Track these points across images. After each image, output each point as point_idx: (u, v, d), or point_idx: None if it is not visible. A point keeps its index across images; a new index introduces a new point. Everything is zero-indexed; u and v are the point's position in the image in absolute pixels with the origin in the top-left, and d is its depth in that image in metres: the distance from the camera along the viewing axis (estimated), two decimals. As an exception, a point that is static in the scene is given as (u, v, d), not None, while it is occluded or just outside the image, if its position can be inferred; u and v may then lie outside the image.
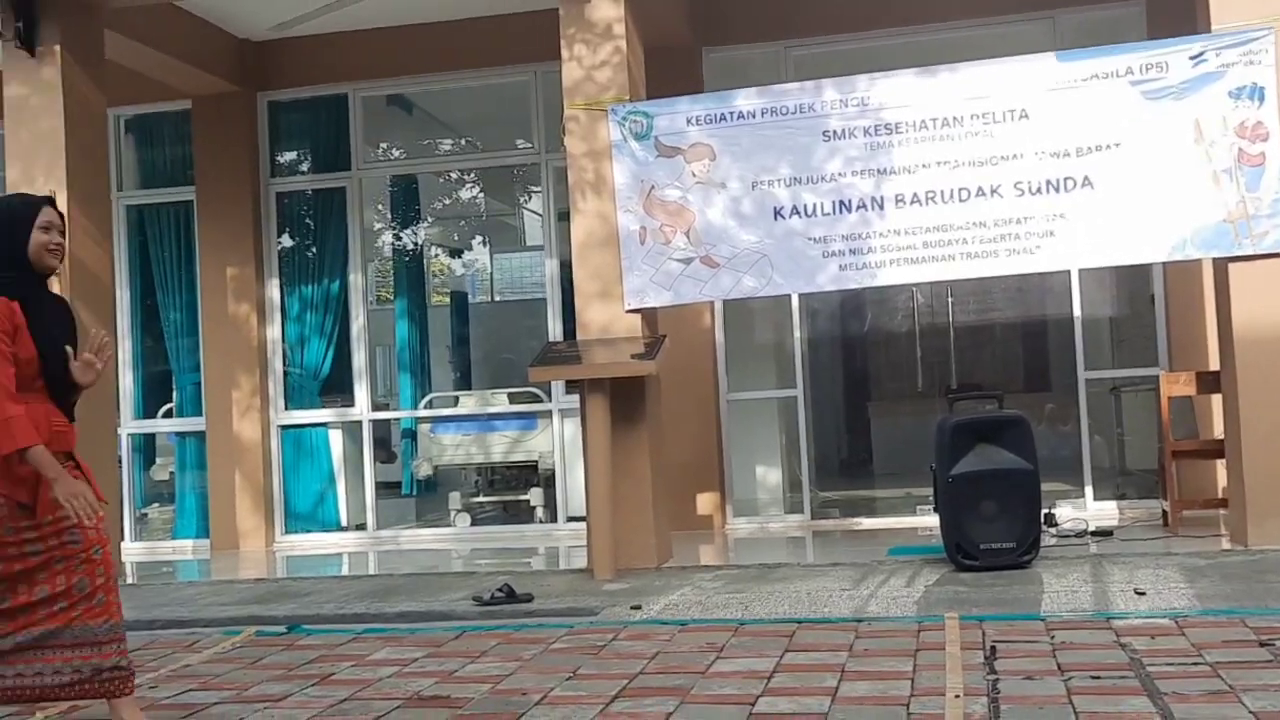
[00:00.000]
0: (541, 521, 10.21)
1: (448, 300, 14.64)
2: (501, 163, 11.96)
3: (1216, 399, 7.97)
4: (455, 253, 15.78)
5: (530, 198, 12.35)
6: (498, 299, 16.18)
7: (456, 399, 11.19)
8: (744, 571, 7.33)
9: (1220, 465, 8.01)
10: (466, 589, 7.10)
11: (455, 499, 10.53)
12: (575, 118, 8.01)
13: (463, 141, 12.18)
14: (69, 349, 4.12)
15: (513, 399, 10.59)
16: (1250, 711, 3.93)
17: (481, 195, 14.04)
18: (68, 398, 4.16)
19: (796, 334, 9.89)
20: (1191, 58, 7.21)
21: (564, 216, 9.13)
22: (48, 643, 3.99)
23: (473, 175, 13.18)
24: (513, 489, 10.66)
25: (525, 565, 8.61)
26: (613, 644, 5.56)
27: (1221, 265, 7.35)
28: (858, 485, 12.17)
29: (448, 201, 13.90)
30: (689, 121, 7.87)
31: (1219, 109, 7.16)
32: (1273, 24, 7.10)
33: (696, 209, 7.83)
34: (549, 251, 10.48)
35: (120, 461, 10.04)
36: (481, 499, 10.81)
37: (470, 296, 15.42)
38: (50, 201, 4.25)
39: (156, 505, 11.27)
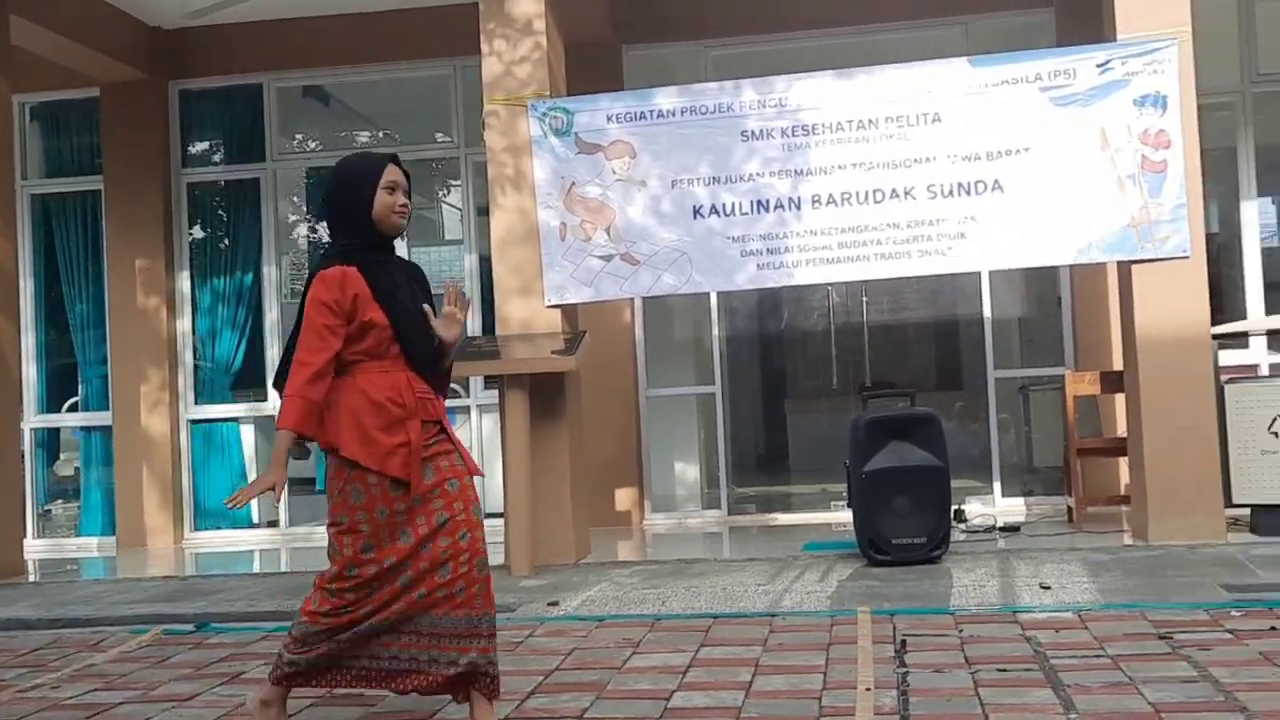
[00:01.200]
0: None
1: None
2: (420, 156, 11.80)
3: (1120, 398, 8.18)
4: (372, 247, 15.59)
5: (449, 192, 12.24)
6: (415, 293, 16.07)
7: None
8: (661, 567, 7.38)
9: (1123, 463, 8.23)
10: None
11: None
12: (495, 113, 7.99)
13: (380, 134, 12.05)
14: (428, 308, 3.91)
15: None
16: (1149, 702, 4.05)
17: (400, 189, 13.90)
18: (436, 362, 3.95)
19: (715, 331, 9.97)
20: (1098, 66, 7.39)
21: (483, 211, 9.10)
22: (406, 628, 3.82)
23: (390, 168, 13.05)
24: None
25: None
26: (529, 640, 5.57)
27: (1125, 268, 7.55)
28: (774, 481, 12.29)
29: (364, 194, 13.74)
30: (609, 119, 7.90)
31: (1124, 116, 7.34)
32: (1176, 35, 7.30)
33: (617, 206, 7.86)
34: (468, 246, 10.45)
35: (23, 456, 9.81)
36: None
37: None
38: (395, 159, 4.03)
39: (60, 501, 11.02)
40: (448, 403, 4.13)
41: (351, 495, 3.76)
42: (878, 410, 7.50)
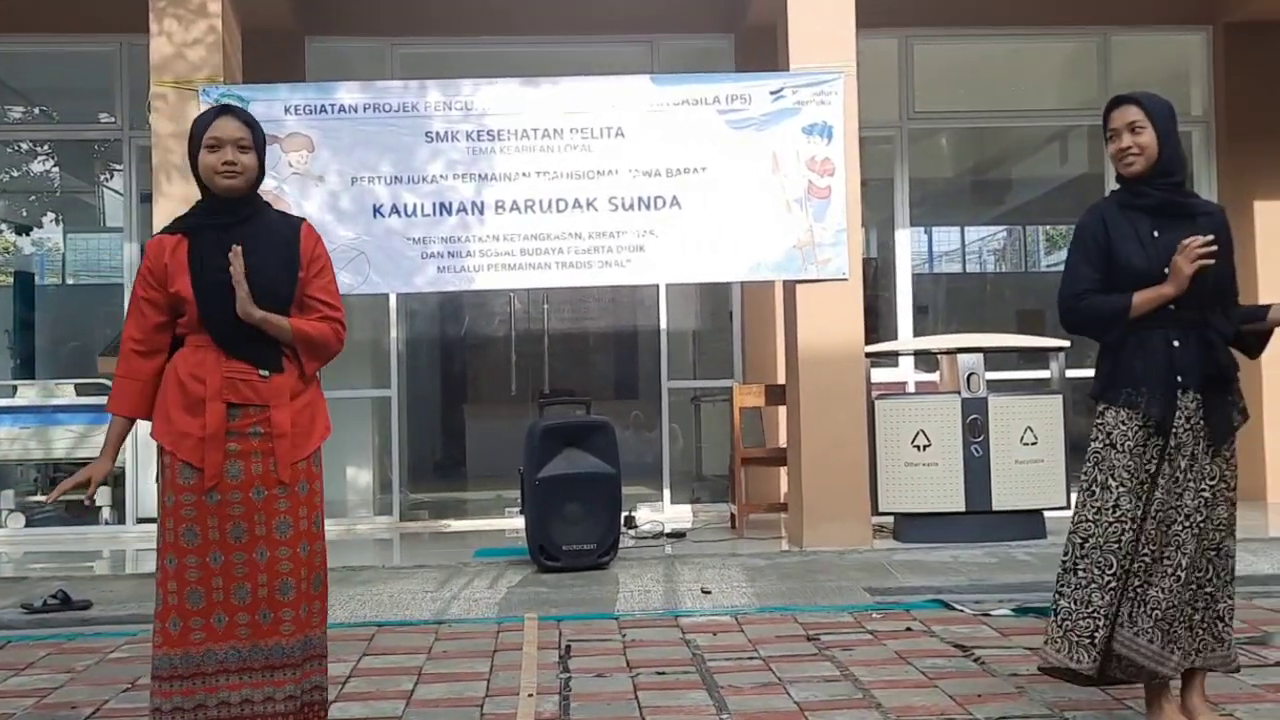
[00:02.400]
0: (108, 523, 9.52)
1: (10, 281, 13.42)
2: (80, 137, 11.14)
3: (782, 410, 8.58)
4: (23, 230, 14.49)
5: (111, 176, 11.52)
6: (70, 282, 15.01)
7: (14, 389, 10.25)
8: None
9: (782, 472, 8.62)
10: (16, 595, 6.52)
11: (8, 498, 9.63)
12: (163, 96, 7.56)
13: (36, 110, 11.21)
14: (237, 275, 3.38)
15: (81, 390, 9.82)
16: (795, 702, 4.26)
17: (56, 169, 12.99)
18: (249, 338, 3.42)
19: (393, 333, 9.80)
20: (772, 93, 7.73)
21: (147, 198, 8.58)
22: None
23: (47, 147, 12.16)
24: (77, 487, 9.87)
25: (87, 570, 8.01)
26: (180, 652, 5.27)
27: (791, 287, 7.93)
28: (450, 487, 12.19)
29: (16, 174, 12.77)
30: (287, 110, 7.62)
31: (794, 143, 7.71)
32: (844, 69, 7.74)
33: (293, 201, 7.58)
34: (129, 234, 9.83)
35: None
36: (40, 498, 9.96)
37: (39, 278, 14.21)
38: (228, 110, 3.55)
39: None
40: (101, 399, 3.80)
41: (165, 494, 3.41)
42: (553, 417, 7.57)
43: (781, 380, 8.60)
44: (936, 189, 12.41)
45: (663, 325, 9.93)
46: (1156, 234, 3.72)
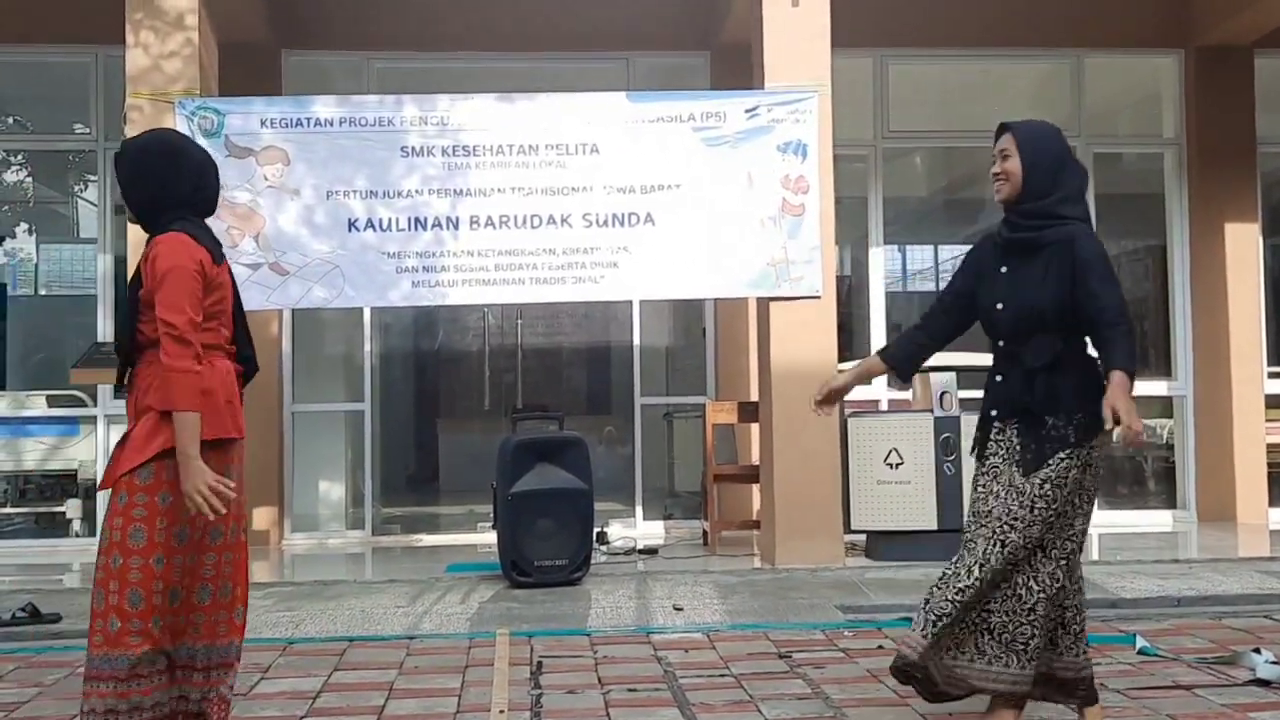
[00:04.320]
0: (79, 535, 9.46)
1: (-17, 291, 13.33)
2: (54, 147, 11.08)
3: (755, 427, 8.60)
4: (-5, 240, 14.40)
5: (86, 187, 11.47)
6: (43, 292, 14.92)
7: (-14, 400, 10.19)
8: (298, 589, 7.13)
9: (755, 489, 8.64)
10: (-16, 609, 6.46)
11: (-24, 511, 9.60)
12: (138, 107, 7.54)
13: (10, 120, 11.16)
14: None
15: (52, 402, 9.78)
16: (766, 719, 4.26)
17: (30, 180, 12.92)
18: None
19: (367, 347, 9.78)
20: (746, 110, 7.77)
21: (121, 210, 8.53)
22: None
23: (21, 157, 12.09)
24: (47, 500, 9.83)
25: (56, 582, 7.95)
26: (148, 667, 5.24)
27: (764, 305, 7.95)
28: (422, 501, 12.17)
29: (-11, 184, 12.69)
30: (263, 123, 7.61)
31: (768, 160, 7.75)
32: (818, 87, 7.79)
33: (267, 214, 7.57)
34: (103, 246, 9.78)
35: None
36: (9, 510, 9.90)
37: (10, 288, 14.12)
38: None
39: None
40: (73, 411, 3.82)
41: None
42: (526, 433, 7.57)
43: (754, 397, 8.62)
44: (910, 208, 12.49)
45: (636, 341, 9.95)
46: (1004, 269, 3.90)
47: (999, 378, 3.90)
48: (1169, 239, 10.25)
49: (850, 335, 10.35)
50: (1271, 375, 10.00)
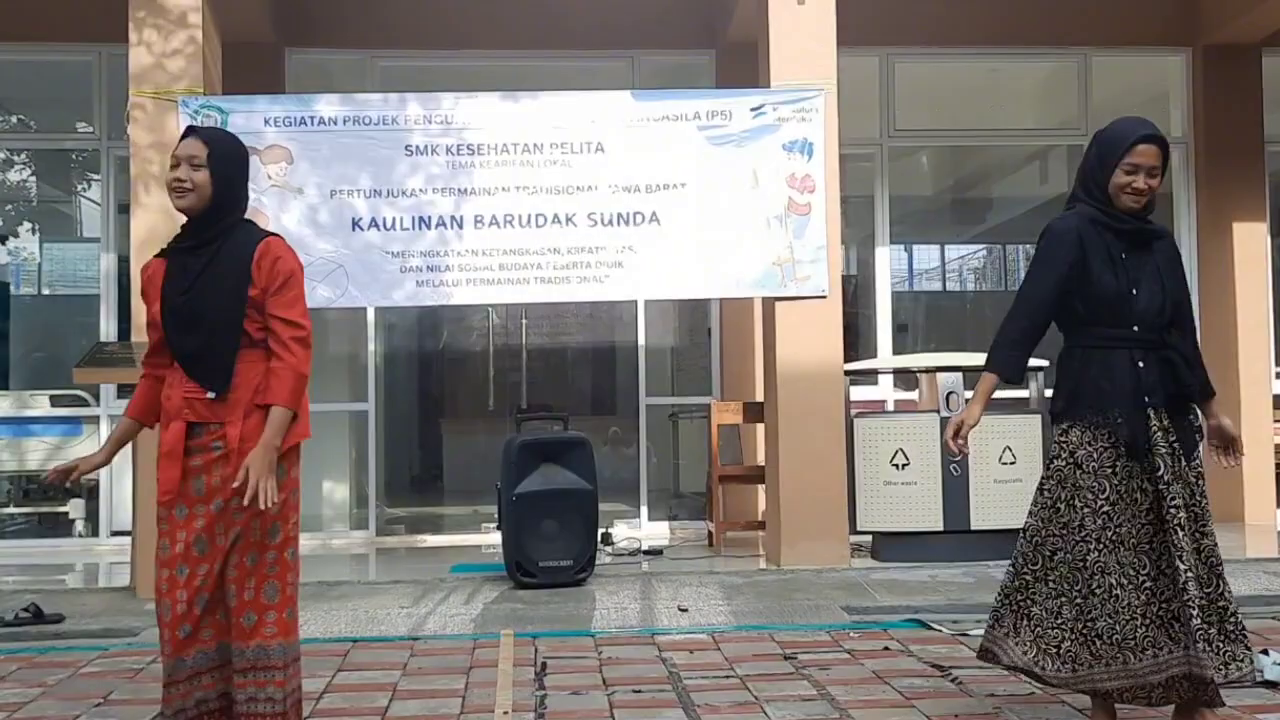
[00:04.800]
0: (82, 535, 9.45)
1: (-14, 291, 13.33)
2: (58, 146, 11.06)
3: (760, 428, 8.56)
4: (-1, 239, 14.39)
5: (89, 186, 11.44)
6: (46, 292, 14.91)
7: (-12, 400, 10.18)
8: (302, 589, 7.03)
9: (760, 490, 8.61)
10: (-13, 609, 6.45)
11: (-20, 510, 9.59)
12: (141, 106, 7.52)
13: (14, 119, 11.14)
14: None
15: (55, 401, 9.76)
16: (771, 720, 4.23)
17: (33, 179, 12.91)
18: (196, 362, 3.53)
19: (371, 347, 9.76)
20: (752, 109, 7.73)
21: (125, 208, 8.54)
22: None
23: (24, 156, 12.08)
24: (50, 500, 9.81)
25: (59, 583, 7.93)
26: (151, 667, 5.23)
27: (769, 304, 7.92)
28: (426, 502, 12.13)
29: (-8, 183, 12.68)
30: (267, 122, 7.59)
31: (774, 159, 7.71)
32: (824, 86, 7.75)
33: (271, 213, 7.54)
34: (106, 245, 9.77)
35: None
36: (13, 510, 9.88)
37: (13, 287, 14.12)
38: (193, 129, 3.64)
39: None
40: (76, 410, 3.84)
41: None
42: (531, 433, 7.54)
43: (760, 398, 8.58)
44: (916, 207, 12.44)
45: (641, 341, 9.92)
46: (1124, 255, 3.85)
47: (1141, 364, 3.78)
48: (1176, 238, 10.13)
49: (856, 335, 10.32)
50: (1279, 375, 9.96)
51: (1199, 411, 3.86)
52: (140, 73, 7.53)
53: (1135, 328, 3.79)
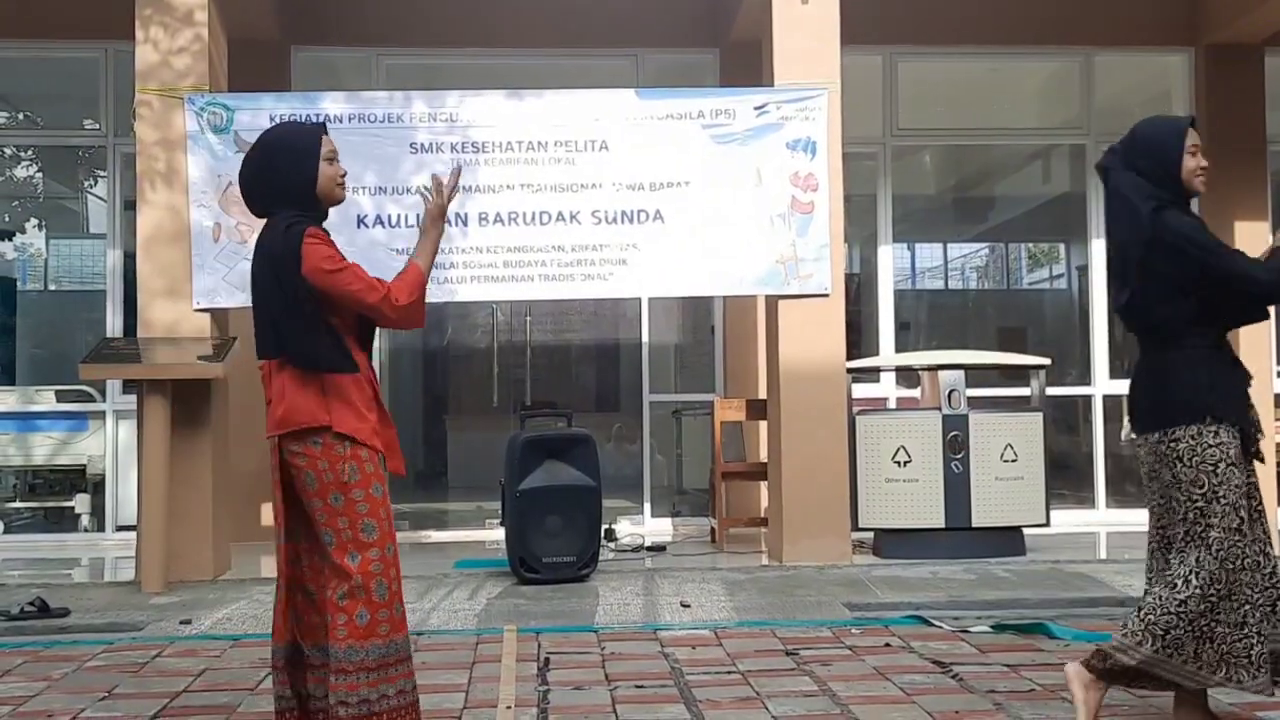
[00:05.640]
0: (88, 530, 9.49)
1: (-8, 286, 13.36)
2: (64, 143, 11.09)
3: (763, 425, 8.59)
4: (5, 235, 14.42)
5: (96, 182, 11.48)
6: (52, 288, 14.96)
7: (-5, 394, 10.22)
8: (306, 584, 7.13)
9: (763, 487, 8.63)
10: (-7, 603, 6.49)
11: (-13, 504, 9.63)
12: (147, 103, 7.55)
13: (20, 115, 11.18)
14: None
15: (61, 397, 9.81)
16: (773, 716, 4.26)
17: (40, 175, 12.96)
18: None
19: (376, 344, 9.75)
20: (756, 108, 7.76)
21: (131, 206, 8.58)
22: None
23: (31, 153, 12.12)
24: (56, 494, 9.86)
25: (65, 577, 7.97)
26: (156, 661, 5.27)
27: (773, 302, 7.95)
28: (430, 498, 12.16)
29: (0, 179, 12.72)
30: (273, 119, 7.56)
31: (777, 158, 7.74)
32: (827, 85, 7.77)
33: (276, 210, 7.56)
34: (113, 241, 9.81)
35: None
36: (19, 504, 9.93)
37: (20, 283, 14.17)
38: (324, 129, 3.73)
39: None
40: (82, 406, 3.83)
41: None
42: (535, 429, 7.57)
43: (763, 395, 8.61)
44: (919, 205, 12.46)
45: (644, 339, 9.95)
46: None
47: (1238, 364, 4.00)
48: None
49: (859, 333, 10.34)
50: (1280, 374, 9.98)
51: None
52: (146, 70, 7.56)
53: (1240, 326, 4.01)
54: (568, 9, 9.67)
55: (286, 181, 3.62)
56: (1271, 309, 4.09)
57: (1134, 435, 4.00)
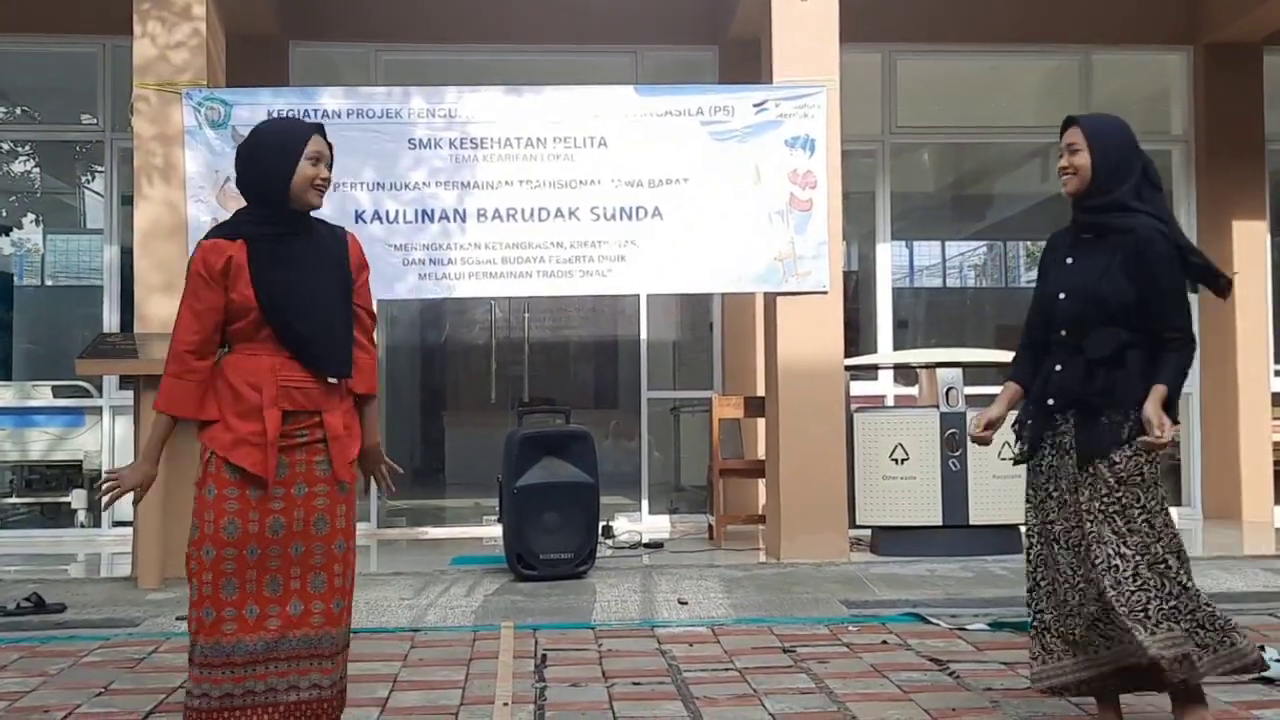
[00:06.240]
0: (84, 526, 9.49)
1: (-11, 281, 13.35)
2: (61, 138, 11.07)
3: (761, 422, 8.59)
4: (3, 230, 14.41)
5: (93, 178, 11.46)
6: (49, 283, 14.94)
7: (-9, 390, 10.21)
8: (303, 580, 7.13)
9: (761, 484, 8.63)
10: (-11, 598, 6.49)
11: (-17, 500, 9.62)
12: (145, 98, 7.54)
13: (18, 110, 11.16)
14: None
15: (58, 392, 9.79)
16: (770, 713, 4.26)
17: (37, 170, 12.94)
18: (321, 349, 3.48)
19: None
20: (755, 105, 7.75)
21: (128, 201, 8.56)
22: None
23: (28, 148, 12.10)
24: (52, 490, 9.84)
25: (61, 573, 7.95)
26: (152, 657, 5.26)
27: (771, 300, 7.95)
28: (428, 494, 12.14)
29: (-3, 174, 12.70)
30: (270, 114, 7.57)
31: (776, 155, 7.73)
32: (826, 82, 7.77)
33: (274, 205, 7.55)
34: (110, 236, 9.80)
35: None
36: (15, 500, 9.92)
37: (17, 278, 14.16)
38: (321, 129, 3.56)
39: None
40: (78, 401, 3.78)
41: (205, 487, 3.40)
42: (533, 426, 7.56)
43: (761, 392, 8.61)
44: (918, 203, 12.46)
45: (643, 335, 9.94)
46: (1070, 260, 3.91)
47: (1058, 367, 3.85)
48: (1176, 236, 10.20)
49: (857, 331, 10.34)
50: (1278, 373, 9.97)
51: (1118, 419, 3.72)
52: (144, 65, 7.55)
53: (1062, 332, 3.85)
54: (567, 5, 9.66)
55: (264, 173, 3.50)
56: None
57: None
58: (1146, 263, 3.73)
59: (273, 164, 3.49)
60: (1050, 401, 3.84)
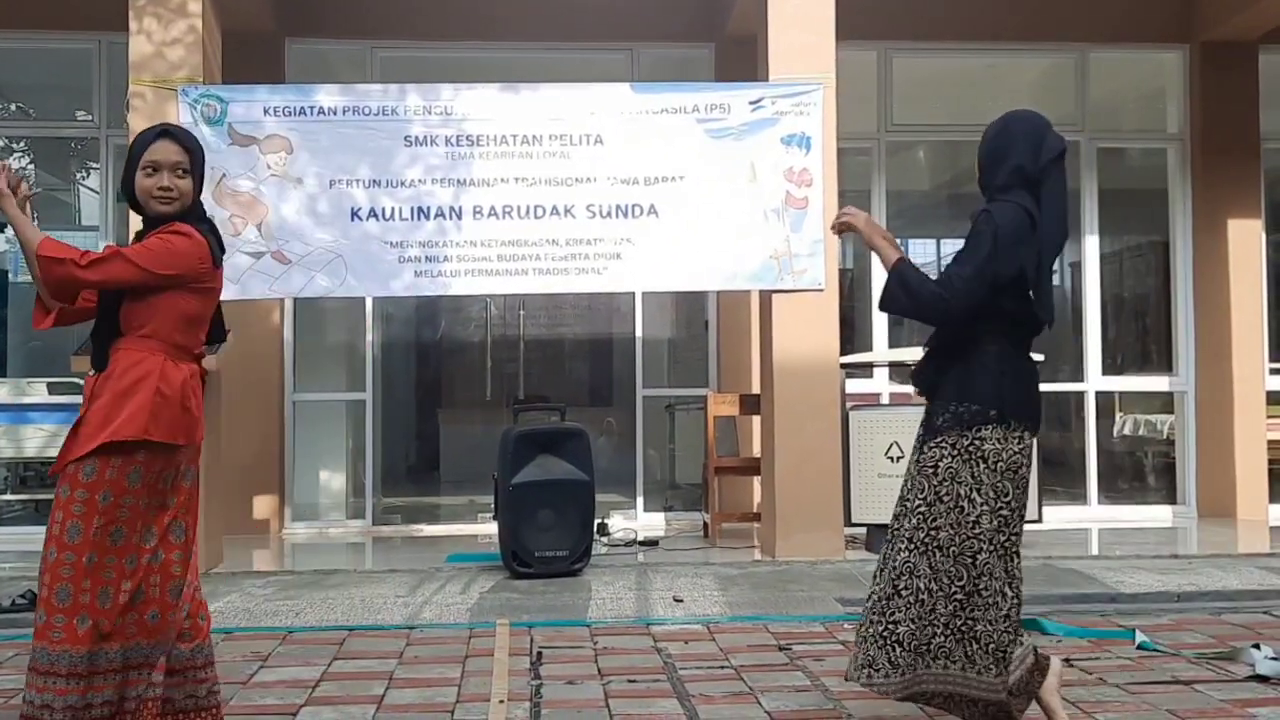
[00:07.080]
0: (79, 523, 9.46)
1: (-17, 277, 13.33)
2: (57, 134, 11.06)
3: (756, 420, 8.60)
4: (-3, 226, 14.41)
5: (88, 174, 11.46)
6: (44, 280, 14.95)
7: (-14, 386, 10.19)
8: (298, 578, 7.15)
9: (756, 482, 8.64)
10: (-16, 595, 6.49)
11: (-23, 497, 9.60)
12: (141, 94, 7.53)
13: (13, 107, 11.14)
14: None
15: (52, 389, 9.78)
16: (765, 711, 4.27)
17: (32, 166, 12.93)
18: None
19: (369, 337, 9.78)
20: (751, 103, 7.75)
21: (123, 197, 8.55)
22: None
23: (23, 144, 12.09)
24: (47, 487, 9.81)
25: (57, 569, 7.95)
26: (149, 654, 5.24)
27: (766, 298, 7.95)
28: (423, 492, 12.16)
29: (-9, 170, 12.69)
30: (267, 111, 7.59)
31: (772, 153, 7.72)
32: (823, 80, 7.77)
33: (270, 202, 7.56)
34: (105, 233, 9.79)
35: None
36: (10, 497, 9.90)
37: (12, 275, 14.14)
38: (168, 132, 3.53)
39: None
40: (73, 398, 3.82)
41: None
42: (528, 424, 7.57)
43: (756, 390, 8.61)
44: (913, 201, 12.46)
45: (638, 333, 9.94)
46: None
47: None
48: (1172, 234, 10.24)
49: (852, 329, 10.34)
50: (1273, 371, 9.98)
51: (940, 409, 3.79)
52: (140, 61, 7.54)
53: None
54: (564, 3, 9.65)
55: (123, 186, 3.62)
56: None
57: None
58: (970, 235, 3.78)
59: (126, 177, 3.60)
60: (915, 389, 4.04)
